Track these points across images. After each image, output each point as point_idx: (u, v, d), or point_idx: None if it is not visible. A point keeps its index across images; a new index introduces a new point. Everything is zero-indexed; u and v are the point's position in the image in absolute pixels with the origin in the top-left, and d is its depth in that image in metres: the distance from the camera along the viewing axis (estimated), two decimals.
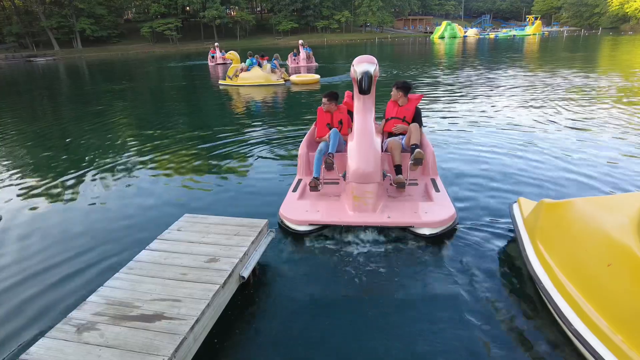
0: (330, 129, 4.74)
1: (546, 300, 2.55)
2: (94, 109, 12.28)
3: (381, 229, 3.76)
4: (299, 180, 4.61)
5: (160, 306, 2.38)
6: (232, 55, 18.23)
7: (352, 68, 3.72)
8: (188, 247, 3.01)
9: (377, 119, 4.88)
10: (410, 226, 3.68)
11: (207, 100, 13.39)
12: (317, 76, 15.18)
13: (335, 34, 70.25)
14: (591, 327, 2.10)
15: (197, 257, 2.89)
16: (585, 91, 11.13)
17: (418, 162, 4.11)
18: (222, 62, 26.63)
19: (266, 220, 3.37)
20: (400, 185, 4.15)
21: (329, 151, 4.33)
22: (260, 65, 15.73)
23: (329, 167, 4.23)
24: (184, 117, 10.51)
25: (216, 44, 26.48)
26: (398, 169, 4.27)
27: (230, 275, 2.68)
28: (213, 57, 27.47)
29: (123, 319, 2.29)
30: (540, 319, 2.62)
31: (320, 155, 4.34)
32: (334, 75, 17.74)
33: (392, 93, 4.74)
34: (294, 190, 4.38)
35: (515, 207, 3.61)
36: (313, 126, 5.24)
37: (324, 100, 4.81)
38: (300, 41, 23.66)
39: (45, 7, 59.19)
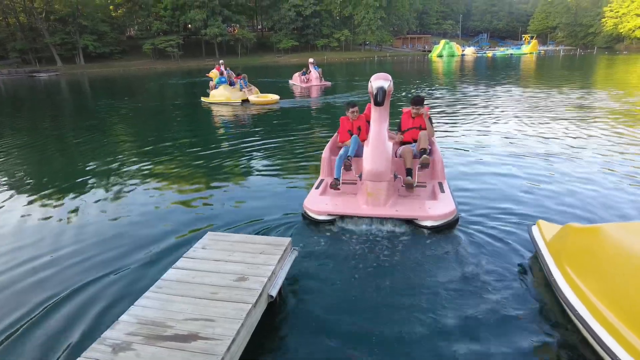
0: (351, 135, 5.28)
1: (583, 328, 2.51)
2: (94, 125, 12.35)
3: (391, 225, 4.29)
4: (322, 180, 5.17)
5: (194, 326, 2.37)
6: (213, 74, 18.69)
7: (369, 84, 4.24)
8: (215, 266, 3.02)
9: (391, 129, 5.35)
10: (415, 219, 4.21)
11: (204, 117, 13.50)
12: (277, 97, 15.13)
13: (335, 52, 71.15)
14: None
15: (225, 275, 2.89)
16: (592, 111, 11.26)
17: (425, 165, 4.69)
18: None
19: (290, 238, 3.39)
20: (409, 186, 4.70)
21: (349, 154, 4.87)
22: (232, 84, 16.11)
23: (347, 168, 4.78)
24: (185, 133, 10.59)
25: (221, 61, 26.40)
26: (408, 172, 4.80)
27: (260, 295, 2.68)
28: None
29: (158, 338, 2.29)
30: (569, 339, 2.63)
31: (341, 160, 4.86)
32: (337, 93, 17.96)
33: (412, 111, 5.31)
34: (317, 187, 4.95)
35: (535, 229, 3.61)
36: (336, 133, 5.77)
37: (354, 109, 5.33)
38: (311, 59, 22.49)
39: (49, 24, 59.91)
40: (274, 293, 2.86)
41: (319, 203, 4.52)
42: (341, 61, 57.68)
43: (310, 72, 21.26)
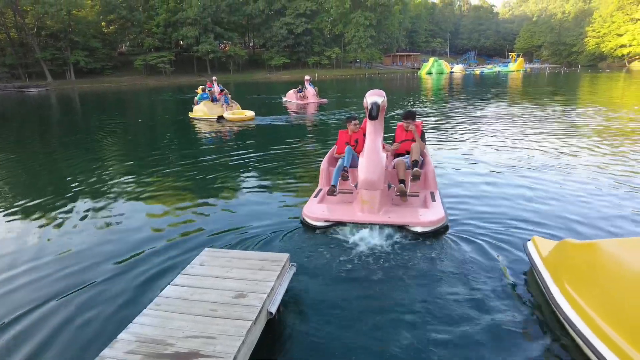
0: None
1: (582, 344, 2.52)
2: (83, 141, 12.30)
3: (384, 231, 4.48)
4: (320, 190, 5.43)
5: (195, 343, 2.36)
6: (201, 90, 18.89)
7: (365, 99, 4.54)
8: (213, 283, 3.01)
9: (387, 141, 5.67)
10: (406, 225, 4.44)
11: (192, 132, 13.51)
12: (252, 113, 15.24)
13: (326, 69, 72.06)
14: None
15: (224, 292, 2.88)
16: (579, 126, 11.52)
17: (416, 178, 4.98)
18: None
19: (288, 254, 3.39)
20: (402, 193, 4.92)
21: (344, 164, 5.16)
22: (214, 100, 16.38)
23: (345, 178, 5.11)
24: (177, 148, 10.59)
25: (214, 77, 26.20)
26: (401, 182, 5.08)
27: (260, 311, 2.68)
28: (210, 90, 26.63)
29: (158, 357, 2.26)
30: (569, 355, 2.67)
31: (338, 170, 5.15)
32: (330, 110, 18.15)
33: (403, 124, 5.65)
34: (315, 196, 5.21)
35: (530, 245, 3.65)
36: (334, 145, 6.04)
37: (355, 122, 5.72)
38: (307, 77, 22.53)
39: (40, 39, 59.88)
40: (273, 310, 2.85)
41: (316, 210, 4.78)
42: (332, 78, 58.40)
43: (306, 89, 21.20)
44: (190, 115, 16.39)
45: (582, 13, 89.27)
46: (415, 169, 5.00)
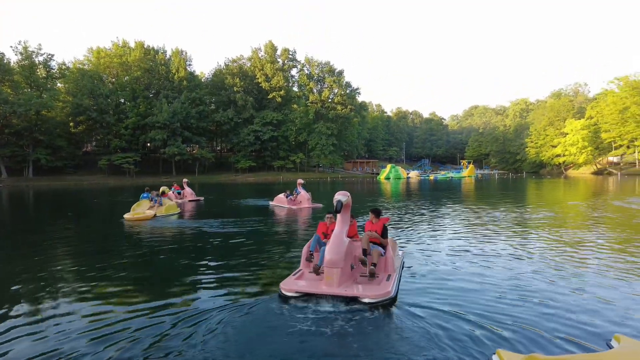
0: (325, 236, 6.73)
1: None
2: (25, 242, 11.58)
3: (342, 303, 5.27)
4: (300, 270, 6.41)
5: None
6: (164, 189, 18.98)
7: (334, 197, 5.78)
8: None
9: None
10: (358, 297, 5.30)
11: (148, 233, 13.13)
12: (152, 212, 15.61)
13: (291, 172, 74.72)
14: None
15: None
16: (535, 227, 12.12)
17: (372, 276, 5.99)
18: (193, 198, 23.86)
19: None
20: (363, 263, 6.18)
21: (310, 249, 6.59)
22: (152, 200, 16.68)
23: (309, 260, 6.51)
24: (130, 251, 10.14)
25: (185, 180, 25.94)
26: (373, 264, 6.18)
27: None
28: (179, 193, 24.10)
29: None
30: None
31: (314, 242, 6.65)
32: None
33: (370, 217, 6.96)
34: (294, 274, 6.16)
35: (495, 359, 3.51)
36: (315, 234, 7.01)
37: (330, 216, 7.01)
38: (301, 180, 21.28)
39: (2, 136, 59.15)
40: None
41: (291, 284, 5.68)
42: (296, 180, 60.07)
43: (300, 193, 19.82)
44: None
45: (520, 126, 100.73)
46: (371, 267, 6.03)
